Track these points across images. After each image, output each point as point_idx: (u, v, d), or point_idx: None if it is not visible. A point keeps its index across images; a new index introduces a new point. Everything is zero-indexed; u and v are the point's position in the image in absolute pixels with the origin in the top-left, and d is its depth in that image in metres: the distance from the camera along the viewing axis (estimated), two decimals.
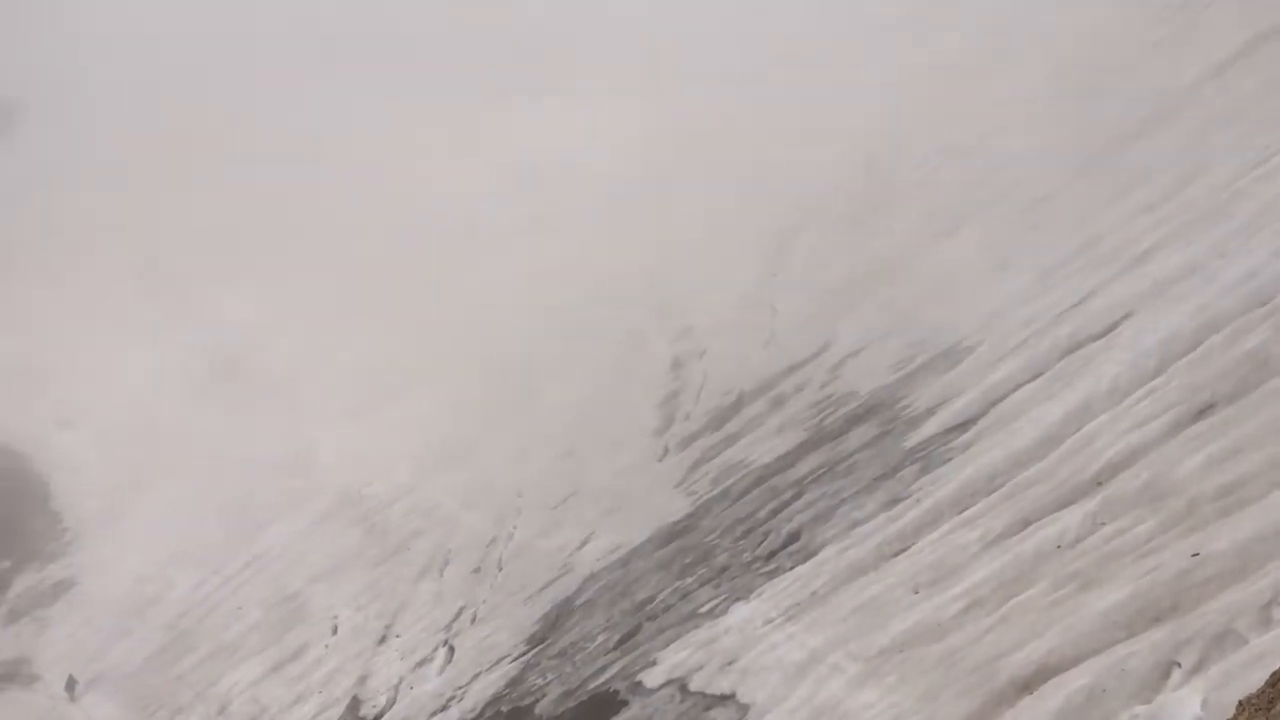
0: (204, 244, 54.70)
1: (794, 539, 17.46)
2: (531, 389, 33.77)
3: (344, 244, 49.55)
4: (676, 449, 26.41)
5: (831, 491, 18.04)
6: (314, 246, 50.38)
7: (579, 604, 21.71)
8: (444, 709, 21.08)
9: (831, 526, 16.75)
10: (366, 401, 38.58)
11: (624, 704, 16.32)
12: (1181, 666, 9.41)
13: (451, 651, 23.21)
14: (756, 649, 14.86)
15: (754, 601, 16.18)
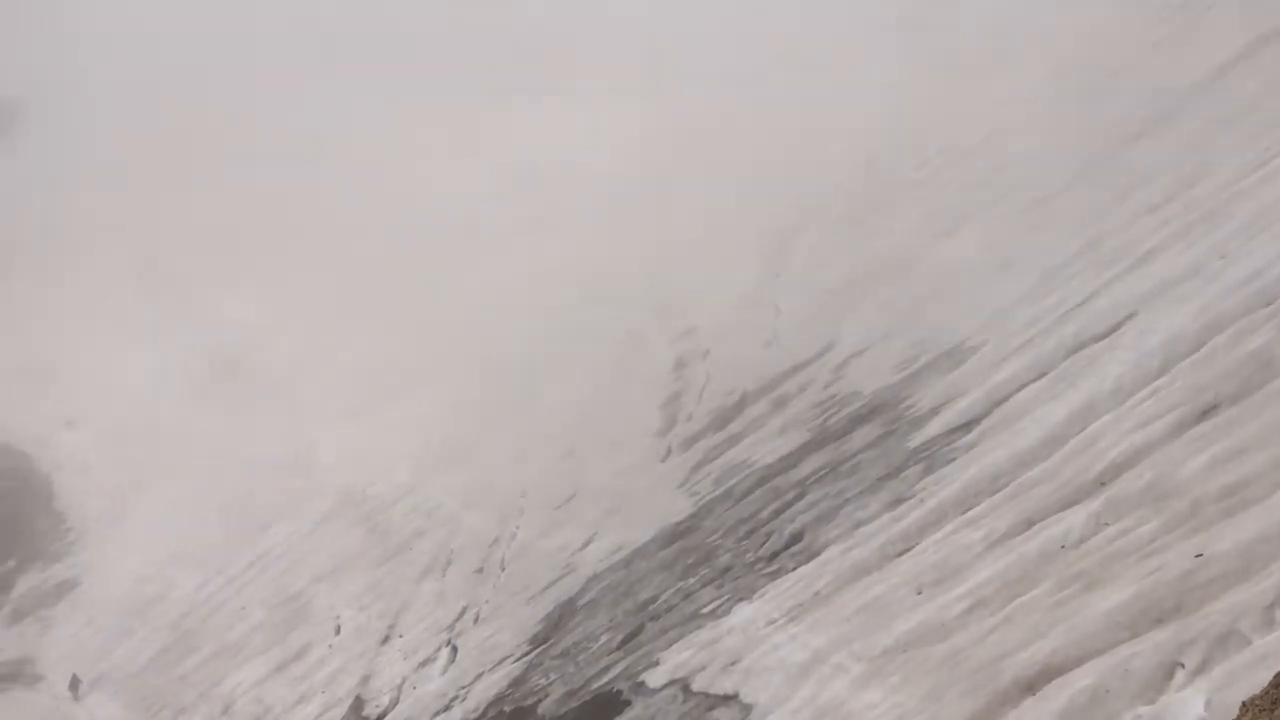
0: (205, 244, 54.73)
1: (797, 539, 17.47)
2: (533, 389, 33.76)
3: (344, 244, 49.55)
4: (679, 449, 26.41)
5: (835, 492, 18.05)
6: (314, 246, 50.38)
7: (582, 604, 21.72)
8: (447, 709, 21.10)
9: (835, 527, 16.75)
10: (368, 401, 38.59)
11: (627, 704, 16.33)
12: (1185, 667, 9.42)
13: (454, 651, 23.23)
14: (759, 649, 14.86)
15: (757, 602, 16.19)
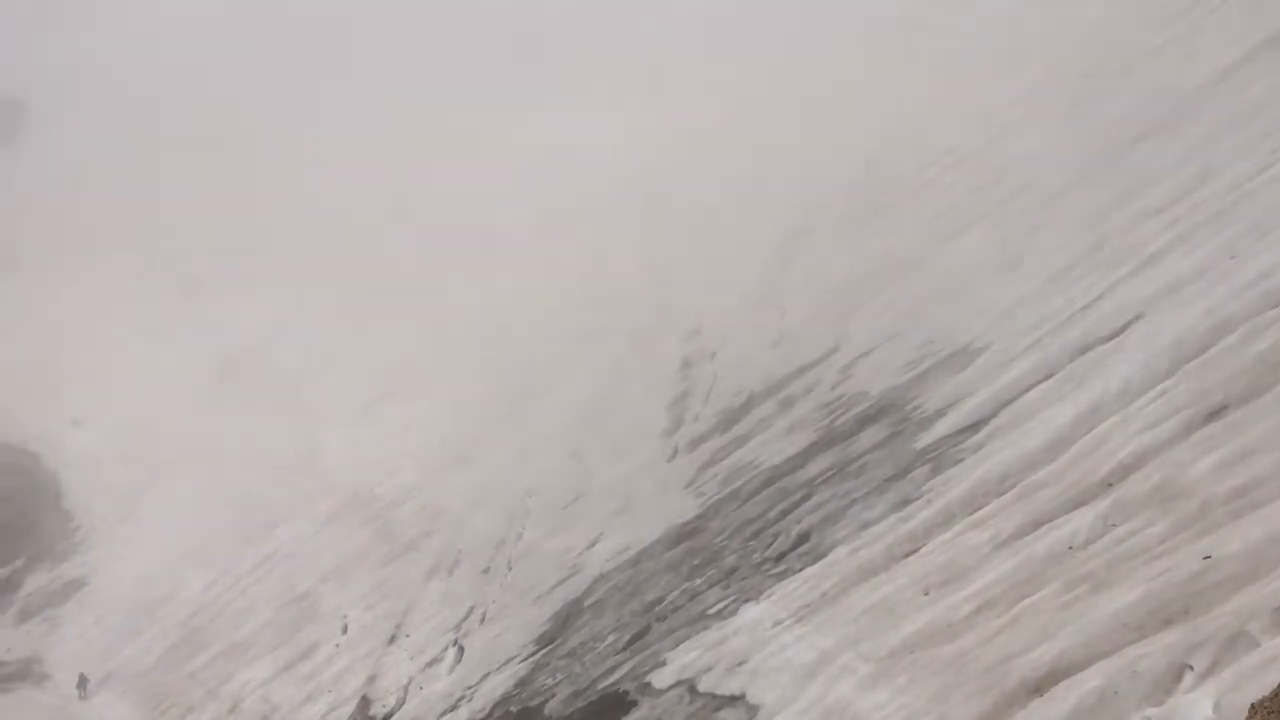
0: (213, 244, 54.93)
1: (804, 540, 17.46)
2: (540, 390, 33.83)
3: (352, 245, 49.67)
4: (686, 450, 26.43)
5: (842, 492, 18.04)
6: (322, 247, 50.52)
7: (588, 604, 21.74)
8: (453, 709, 21.14)
9: (842, 527, 16.75)
10: (375, 402, 38.71)
11: (633, 704, 16.33)
12: (1194, 669, 9.40)
13: (461, 651, 23.28)
14: (766, 650, 14.86)
15: (764, 602, 16.19)
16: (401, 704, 22.87)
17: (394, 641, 25.58)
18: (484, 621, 24.10)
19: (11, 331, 53.26)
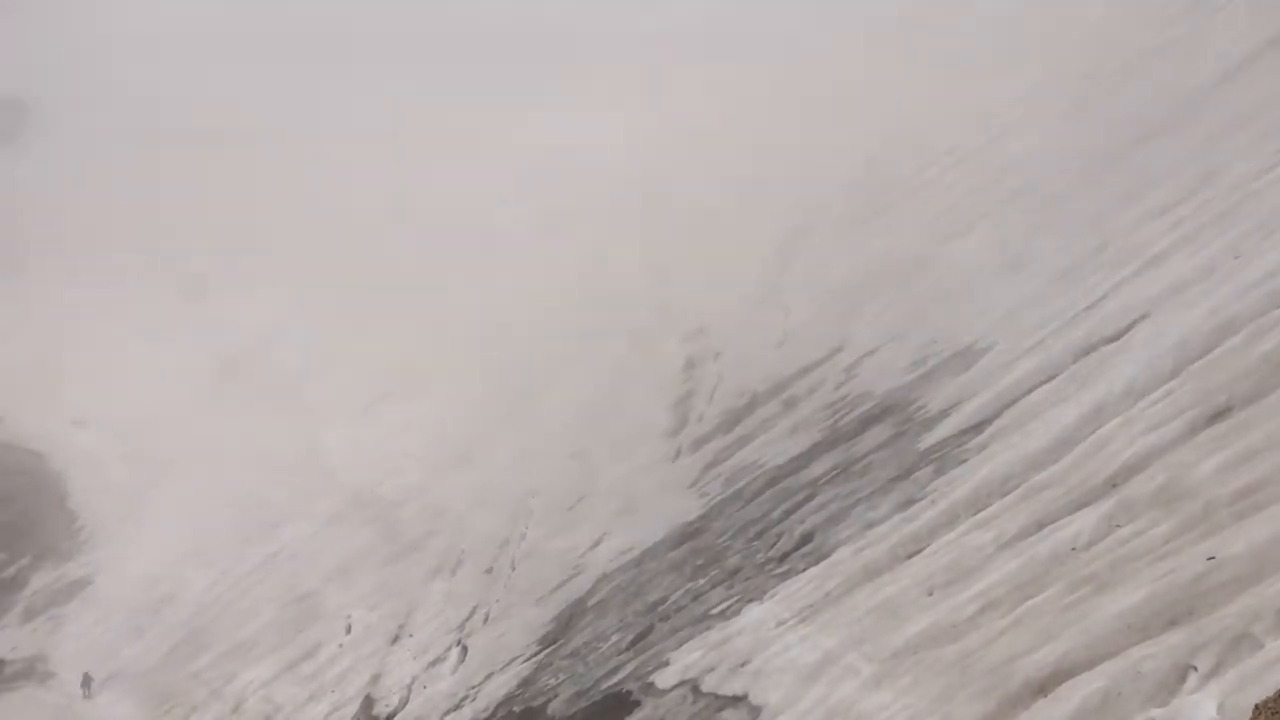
0: (217, 244, 54.95)
1: (807, 540, 17.46)
2: (543, 390, 33.86)
3: (354, 244, 49.70)
4: (689, 450, 26.44)
5: (845, 493, 18.04)
6: (325, 247, 50.55)
7: (591, 604, 21.75)
8: (457, 708, 21.15)
9: (845, 528, 16.74)
10: (379, 402, 38.74)
11: (636, 704, 16.32)
12: (1198, 670, 9.38)
13: (464, 651, 23.29)
14: (769, 650, 14.85)
15: (767, 603, 16.18)
16: (405, 704, 22.89)
17: (397, 641, 25.60)
18: (487, 621, 24.11)
19: (13, 331, 53.29)
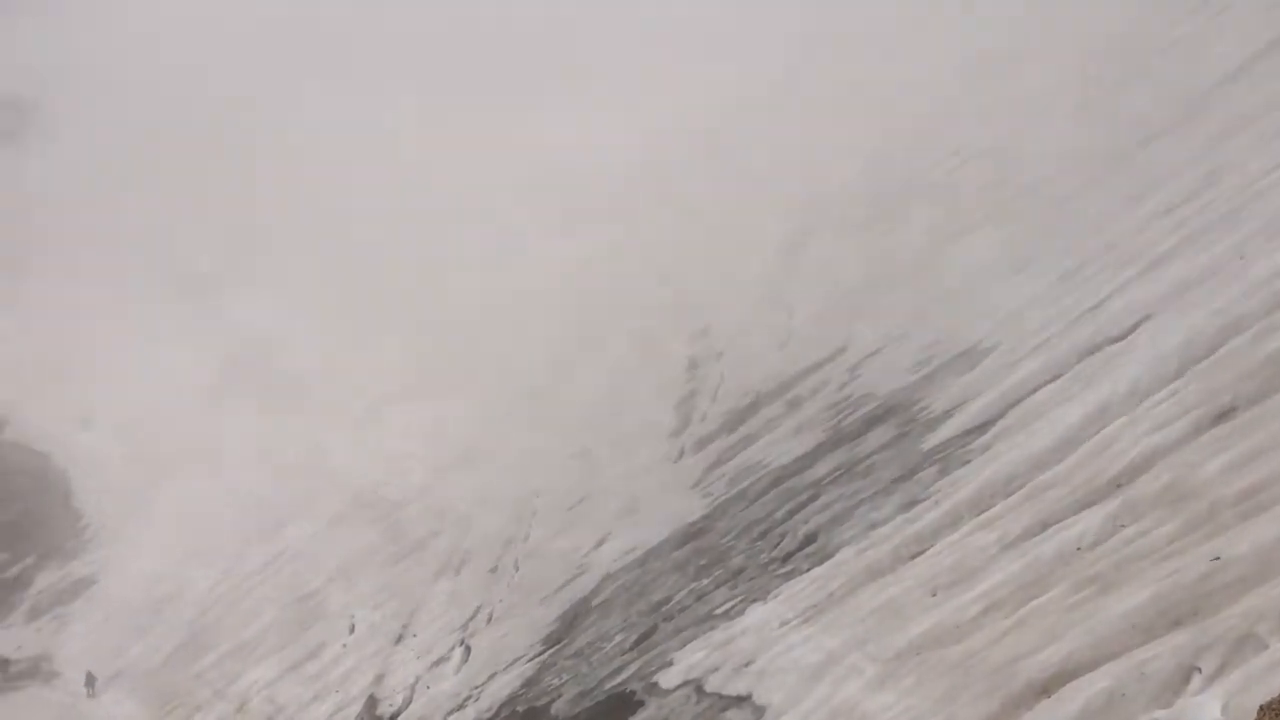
0: (223, 244, 55.02)
1: (811, 540, 17.43)
2: (547, 390, 33.85)
3: (359, 245, 49.73)
4: (693, 450, 26.43)
5: (849, 493, 18.01)
6: (330, 247, 50.58)
7: (595, 604, 21.74)
8: (460, 708, 21.15)
9: (849, 528, 16.72)
10: (382, 402, 38.74)
11: (640, 704, 16.31)
12: (1202, 671, 9.35)
13: (468, 651, 23.29)
14: (773, 650, 14.83)
15: (771, 603, 16.16)
16: (408, 704, 22.90)
17: (401, 641, 25.60)
18: (491, 621, 24.11)
19: (17, 331, 53.40)
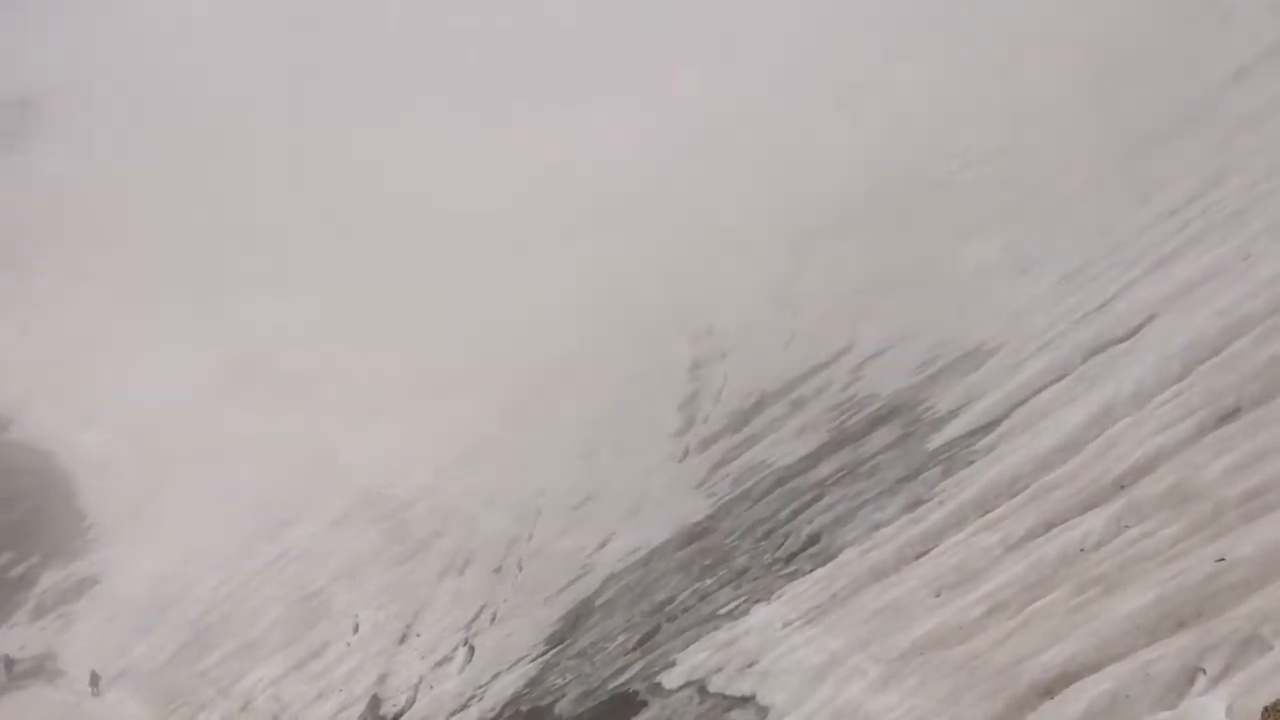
0: (230, 244, 55.02)
1: (815, 541, 17.43)
2: (551, 390, 33.82)
3: (366, 246, 49.74)
4: (697, 450, 26.42)
5: (853, 493, 18.00)
6: (337, 248, 50.60)
7: (599, 604, 21.74)
8: (464, 708, 21.15)
9: (853, 528, 16.71)
10: (387, 402, 38.69)
11: (643, 705, 16.31)
12: (1206, 673, 9.33)
13: (471, 651, 23.29)
14: (776, 651, 14.83)
15: (774, 603, 16.15)
16: (412, 703, 22.90)
17: (405, 641, 25.61)
18: (494, 621, 24.12)
19: (23, 331, 53.47)
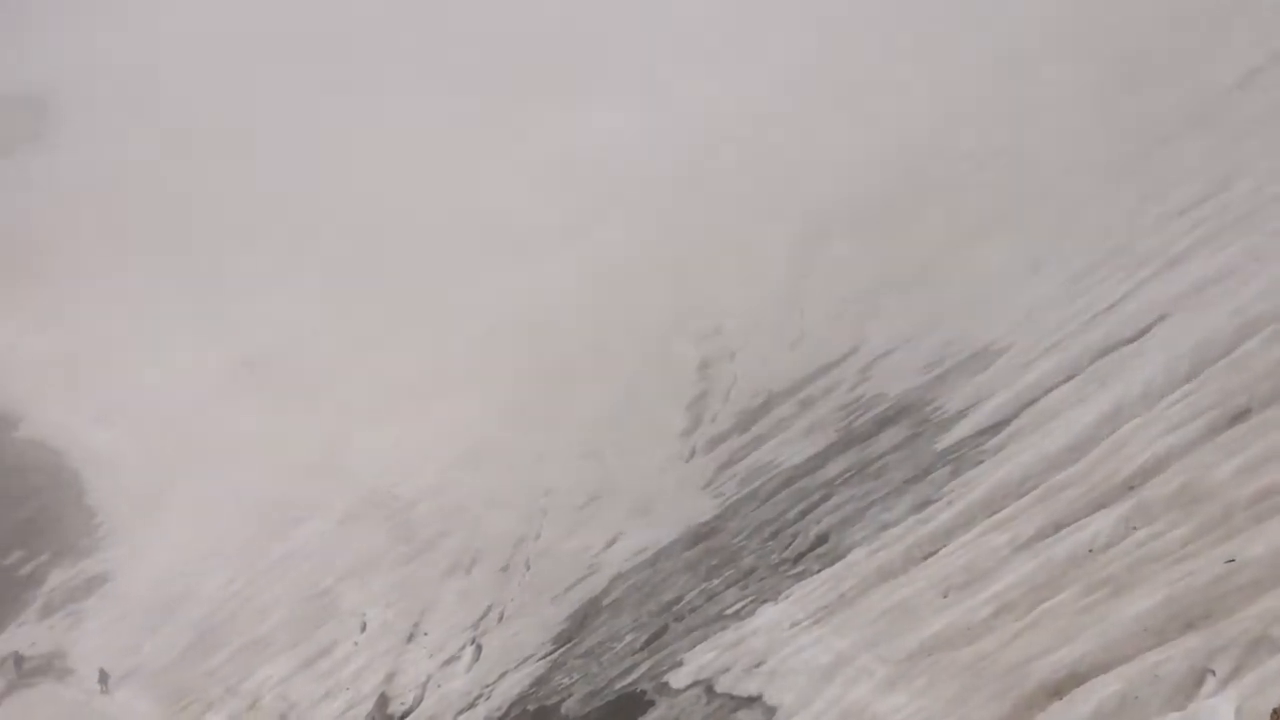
0: (239, 243, 55.14)
1: (822, 541, 17.39)
2: (558, 390, 33.81)
3: (373, 246, 49.82)
4: (704, 450, 26.39)
5: (861, 494, 17.96)
6: (344, 248, 50.69)
7: (606, 604, 21.73)
8: (471, 707, 21.16)
9: (860, 529, 16.67)
10: (395, 402, 38.73)
11: (650, 704, 16.30)
12: (1215, 674, 9.30)
13: (479, 650, 23.30)
14: (784, 651, 14.80)
15: (782, 603, 16.13)
16: (419, 702, 22.92)
17: (412, 640, 25.63)
18: (502, 620, 24.13)
19: (33, 330, 53.67)
